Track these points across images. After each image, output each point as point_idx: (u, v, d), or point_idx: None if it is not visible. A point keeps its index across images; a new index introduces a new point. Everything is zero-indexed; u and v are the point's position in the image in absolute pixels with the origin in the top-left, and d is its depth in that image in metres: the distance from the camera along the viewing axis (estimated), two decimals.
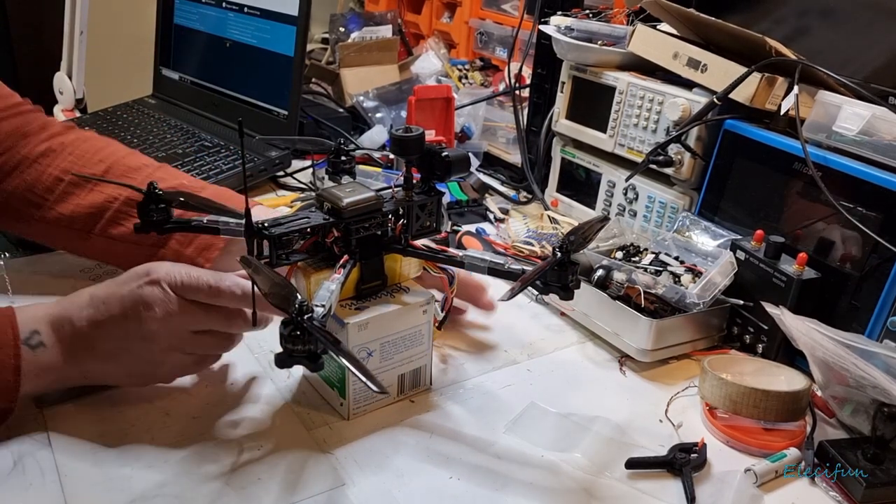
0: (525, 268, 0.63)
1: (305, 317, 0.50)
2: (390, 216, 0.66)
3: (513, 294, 0.56)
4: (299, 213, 0.64)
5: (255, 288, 0.55)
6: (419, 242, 0.68)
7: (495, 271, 0.65)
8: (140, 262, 0.64)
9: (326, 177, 0.75)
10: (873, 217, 0.70)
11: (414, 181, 0.67)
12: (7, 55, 1.94)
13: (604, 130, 1.00)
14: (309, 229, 0.63)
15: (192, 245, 0.77)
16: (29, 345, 0.59)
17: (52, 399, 0.65)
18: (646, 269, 0.80)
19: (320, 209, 0.65)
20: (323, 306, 0.54)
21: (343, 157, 0.74)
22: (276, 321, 0.66)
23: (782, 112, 0.80)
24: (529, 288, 0.87)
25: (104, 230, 0.78)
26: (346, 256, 0.63)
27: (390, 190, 0.67)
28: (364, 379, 0.50)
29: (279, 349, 0.51)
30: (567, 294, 0.59)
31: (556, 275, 0.59)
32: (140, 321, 0.60)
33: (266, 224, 0.61)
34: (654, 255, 0.84)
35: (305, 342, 0.50)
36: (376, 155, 1.21)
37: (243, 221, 0.63)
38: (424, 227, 0.69)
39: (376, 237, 0.65)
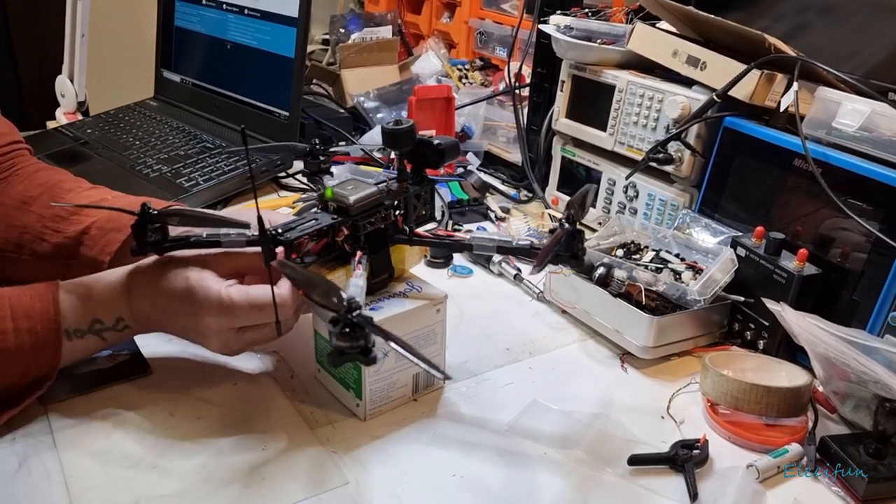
0: (533, 242, 0.66)
1: (354, 313, 0.50)
2: (392, 209, 0.67)
3: (541, 267, 0.61)
4: (307, 216, 0.64)
5: (284, 291, 0.57)
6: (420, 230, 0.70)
7: (504, 249, 0.67)
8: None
9: (326, 176, 0.75)
10: (873, 212, 0.70)
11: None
12: (9, 58, 1.95)
13: (604, 129, 1.00)
14: (319, 230, 0.63)
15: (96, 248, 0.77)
16: (116, 329, 0.65)
17: (57, 397, 0.66)
18: (646, 267, 0.81)
19: (325, 209, 0.65)
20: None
21: (321, 158, 0.74)
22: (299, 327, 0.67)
23: (782, 109, 0.80)
24: (530, 286, 0.89)
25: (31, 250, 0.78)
26: (360, 252, 0.64)
27: (385, 183, 0.68)
28: (426, 367, 0.50)
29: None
30: (578, 262, 0.63)
31: (566, 245, 0.62)
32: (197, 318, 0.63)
33: (279, 230, 0.62)
34: (654, 253, 0.84)
35: (357, 338, 0.50)
36: (377, 155, 1.22)
37: (244, 230, 0.63)
38: (421, 216, 0.70)
39: (381, 231, 0.66)
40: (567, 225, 0.61)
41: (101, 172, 1.11)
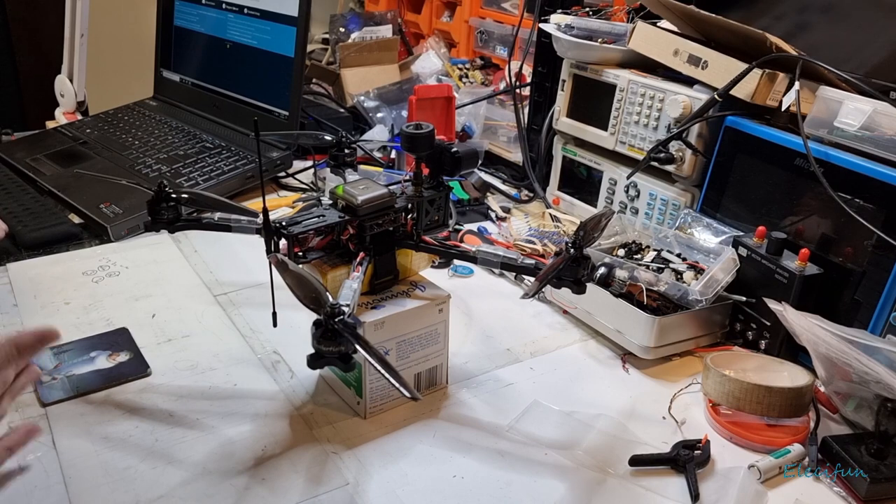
0: (539, 261, 0.65)
1: (337, 319, 0.50)
2: (403, 212, 0.67)
3: (534, 293, 0.58)
4: (314, 211, 0.64)
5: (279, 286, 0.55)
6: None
7: (508, 266, 0.66)
8: None
9: (327, 175, 0.75)
10: (875, 212, 0.70)
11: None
12: (8, 58, 1.95)
13: (605, 128, 1.00)
14: (325, 227, 0.63)
15: None
16: None
17: (56, 398, 0.65)
18: (648, 267, 0.80)
19: (334, 207, 0.65)
20: (348, 306, 0.54)
21: (346, 150, 0.74)
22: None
23: (783, 108, 0.79)
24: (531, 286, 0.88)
25: None
26: (362, 254, 0.64)
27: (399, 186, 0.68)
28: (396, 384, 0.50)
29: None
30: (580, 288, 0.61)
31: (570, 270, 0.60)
32: None
33: (284, 223, 0.62)
34: (656, 253, 0.84)
35: (338, 343, 0.50)
36: (377, 154, 1.21)
37: (254, 219, 0.64)
38: (433, 222, 0.69)
39: (389, 233, 0.66)
40: (572, 250, 0.59)
41: (101, 172, 1.11)
